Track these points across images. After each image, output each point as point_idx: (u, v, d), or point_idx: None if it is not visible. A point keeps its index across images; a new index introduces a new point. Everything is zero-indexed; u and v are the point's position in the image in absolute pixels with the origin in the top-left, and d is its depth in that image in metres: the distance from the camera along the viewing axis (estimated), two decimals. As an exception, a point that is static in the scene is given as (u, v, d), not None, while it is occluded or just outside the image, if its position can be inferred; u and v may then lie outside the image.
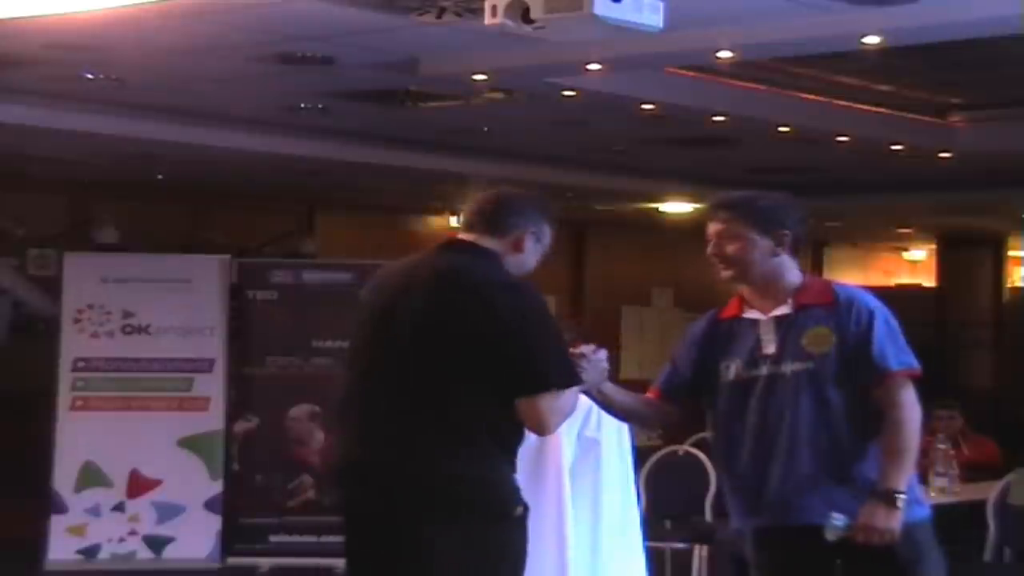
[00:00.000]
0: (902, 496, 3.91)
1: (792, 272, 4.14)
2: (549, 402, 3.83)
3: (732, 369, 4.12)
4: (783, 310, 4.08)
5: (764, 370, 4.05)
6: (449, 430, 3.89)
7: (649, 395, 4.38)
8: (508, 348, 3.83)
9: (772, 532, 4.07)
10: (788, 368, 4.01)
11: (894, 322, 4.07)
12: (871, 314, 4.01)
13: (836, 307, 4.03)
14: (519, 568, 4.08)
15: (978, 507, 7.11)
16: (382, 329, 4.01)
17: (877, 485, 3.92)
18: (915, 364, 4.03)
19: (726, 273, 4.16)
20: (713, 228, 4.16)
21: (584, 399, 5.04)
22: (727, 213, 4.15)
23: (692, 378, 4.24)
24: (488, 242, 4.10)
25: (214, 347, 9.35)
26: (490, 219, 4.15)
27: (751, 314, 4.14)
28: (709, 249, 4.17)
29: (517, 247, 4.15)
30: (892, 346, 4.00)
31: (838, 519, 3.90)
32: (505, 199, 4.23)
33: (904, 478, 3.95)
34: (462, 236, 4.16)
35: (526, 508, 4.05)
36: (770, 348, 4.06)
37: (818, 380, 3.98)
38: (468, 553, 3.89)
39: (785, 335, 4.04)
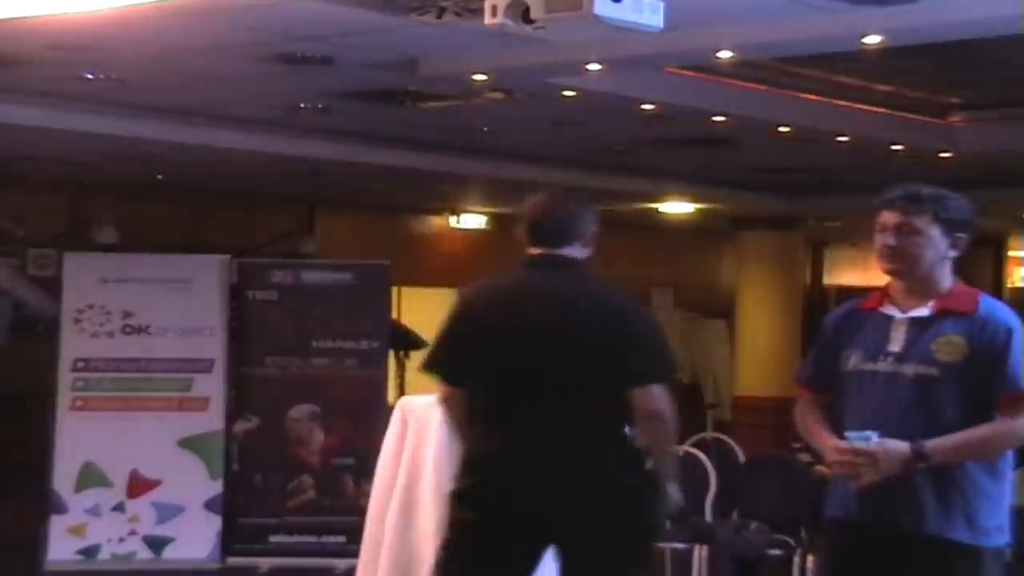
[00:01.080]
0: (923, 467, 3.85)
1: (948, 276, 4.08)
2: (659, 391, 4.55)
3: (852, 360, 4.06)
4: (922, 312, 4.01)
5: (883, 366, 3.99)
6: (601, 429, 4.59)
7: (801, 391, 4.30)
8: (634, 352, 4.59)
9: (851, 528, 4.04)
10: (910, 369, 3.95)
11: None
12: (1010, 331, 3.95)
13: (974, 318, 3.97)
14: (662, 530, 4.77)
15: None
16: (524, 346, 4.60)
17: (926, 444, 3.86)
18: None
19: (891, 266, 4.07)
20: (892, 219, 4.06)
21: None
22: (914, 206, 4.05)
23: (832, 366, 4.15)
24: (569, 251, 4.73)
25: (214, 347, 9.35)
26: (571, 230, 4.76)
27: (889, 310, 4.07)
28: (884, 239, 4.05)
29: (588, 245, 4.79)
30: None
31: (870, 436, 3.86)
32: (570, 208, 4.84)
33: (946, 460, 3.87)
34: (547, 251, 4.74)
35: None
36: (896, 346, 4.00)
37: (937, 388, 3.92)
38: (628, 531, 4.52)
39: (916, 337, 3.99)
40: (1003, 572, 4.05)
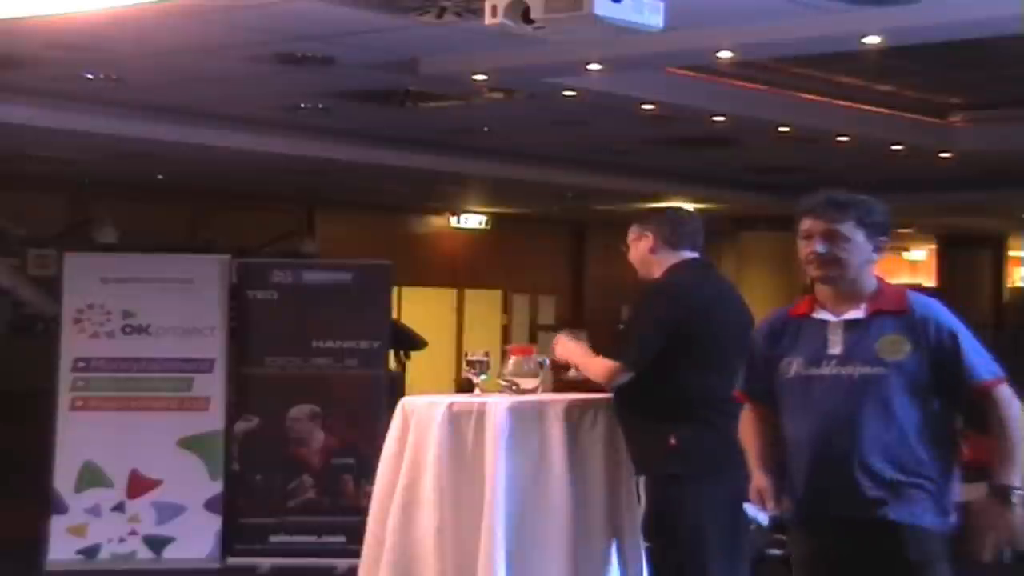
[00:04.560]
0: (1019, 492, 3.94)
1: (872, 277, 4.13)
2: None
3: (793, 366, 4.10)
4: (856, 314, 4.06)
5: (827, 370, 4.04)
6: None
7: (737, 397, 4.37)
8: None
9: (812, 521, 4.10)
10: (855, 370, 4.01)
11: (971, 333, 4.08)
12: (954, 331, 4.02)
13: (911, 317, 4.03)
14: None
15: (978, 507, 7.09)
16: (740, 336, 4.86)
17: (992, 481, 3.94)
18: (1001, 371, 4.06)
19: (821, 272, 4.10)
20: (818, 226, 4.08)
21: (583, 396, 5.10)
22: (838, 213, 4.07)
23: (767, 376, 4.19)
24: None
25: (214, 347, 9.33)
26: None
27: (821, 315, 4.11)
28: (813, 246, 4.07)
29: None
30: (980, 358, 4.02)
31: (761, 515, 4.01)
32: None
33: (1018, 473, 3.97)
34: (701, 255, 5.29)
35: None
36: (836, 349, 4.04)
37: (886, 386, 3.98)
38: None
39: (856, 339, 4.04)
40: (945, 554, 4.07)
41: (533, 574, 5.12)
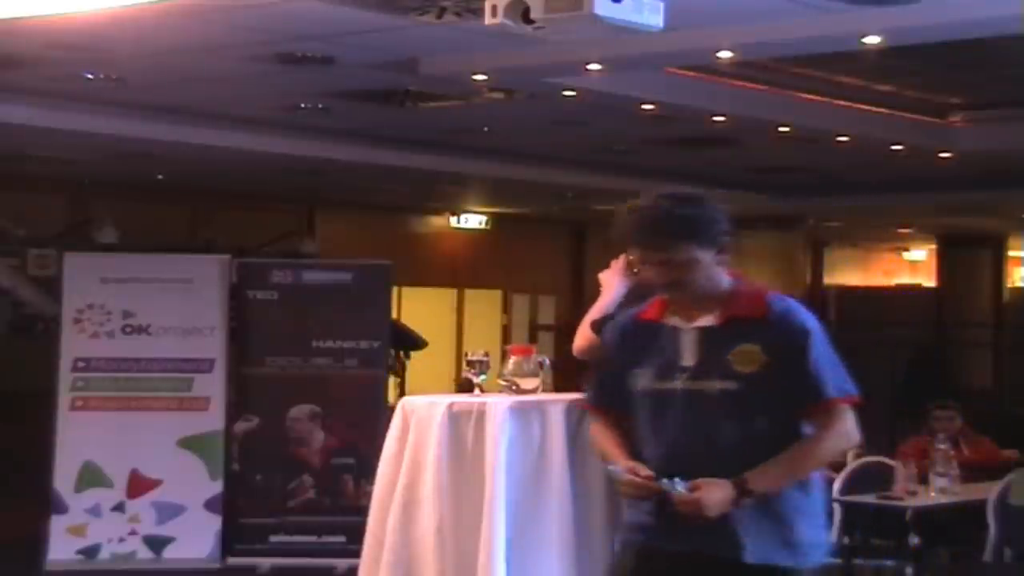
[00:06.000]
0: (749, 502, 3.54)
1: (723, 276, 3.71)
2: None
3: (643, 379, 3.70)
4: (708, 321, 3.66)
5: (679, 384, 3.64)
6: None
7: (591, 412, 3.94)
8: None
9: (667, 555, 3.66)
10: (710, 385, 3.61)
11: (829, 343, 3.65)
12: (806, 334, 3.60)
13: (767, 322, 3.62)
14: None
15: (978, 507, 7.11)
16: None
17: (747, 475, 3.53)
18: (854, 390, 3.63)
19: (670, 294, 3.71)
20: (651, 256, 3.68)
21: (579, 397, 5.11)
22: (671, 242, 3.63)
23: (617, 387, 3.77)
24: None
25: (214, 347, 9.34)
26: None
27: (672, 321, 3.71)
28: (654, 272, 3.68)
29: None
30: (830, 370, 3.61)
31: (676, 483, 3.52)
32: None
33: (769, 488, 3.56)
34: None
35: None
36: (688, 361, 3.65)
37: (744, 401, 3.58)
38: None
39: (709, 349, 3.64)
40: None
41: (533, 574, 5.12)
